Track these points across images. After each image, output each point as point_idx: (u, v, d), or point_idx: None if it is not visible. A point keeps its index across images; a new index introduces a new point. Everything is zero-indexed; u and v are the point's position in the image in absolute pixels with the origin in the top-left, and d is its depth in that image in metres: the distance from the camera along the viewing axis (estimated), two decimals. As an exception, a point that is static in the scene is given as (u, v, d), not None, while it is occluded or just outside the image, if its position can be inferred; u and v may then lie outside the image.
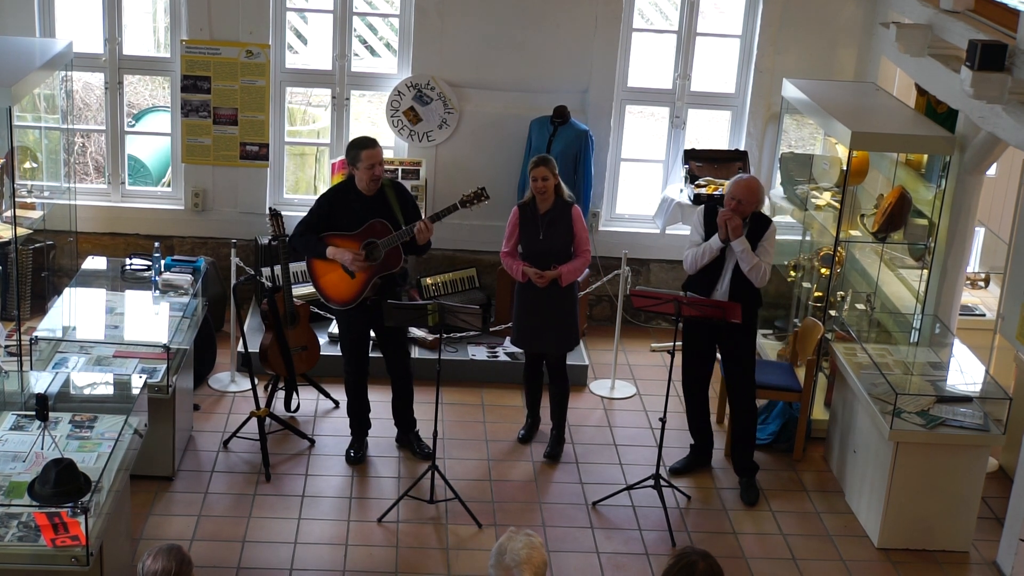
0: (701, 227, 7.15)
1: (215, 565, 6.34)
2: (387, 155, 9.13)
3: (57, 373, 6.51)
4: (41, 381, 6.28)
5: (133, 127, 10.53)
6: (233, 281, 7.99)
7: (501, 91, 9.16)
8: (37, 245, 8.67)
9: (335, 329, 8.56)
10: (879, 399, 6.95)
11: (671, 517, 6.93)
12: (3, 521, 5.21)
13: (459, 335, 8.62)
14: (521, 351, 7.87)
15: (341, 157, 9.04)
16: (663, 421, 7.07)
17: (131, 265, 7.82)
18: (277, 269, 7.78)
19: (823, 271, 8.37)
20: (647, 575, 6.54)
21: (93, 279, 7.81)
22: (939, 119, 7.91)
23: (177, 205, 9.32)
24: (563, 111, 8.83)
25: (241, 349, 7.97)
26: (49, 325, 7.16)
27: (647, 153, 10.68)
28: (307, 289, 8.67)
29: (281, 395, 7.89)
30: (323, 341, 8.30)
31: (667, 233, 9.20)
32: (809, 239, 8.87)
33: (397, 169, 8.99)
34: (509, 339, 7.85)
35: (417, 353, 8.27)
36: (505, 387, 8.43)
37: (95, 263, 8.02)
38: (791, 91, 8.62)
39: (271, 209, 7.73)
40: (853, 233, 8.36)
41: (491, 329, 8.84)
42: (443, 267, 9.19)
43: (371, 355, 7.45)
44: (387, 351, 7.36)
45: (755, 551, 6.82)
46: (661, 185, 9.56)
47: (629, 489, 7.16)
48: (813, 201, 8.59)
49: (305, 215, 7.20)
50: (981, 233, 8.89)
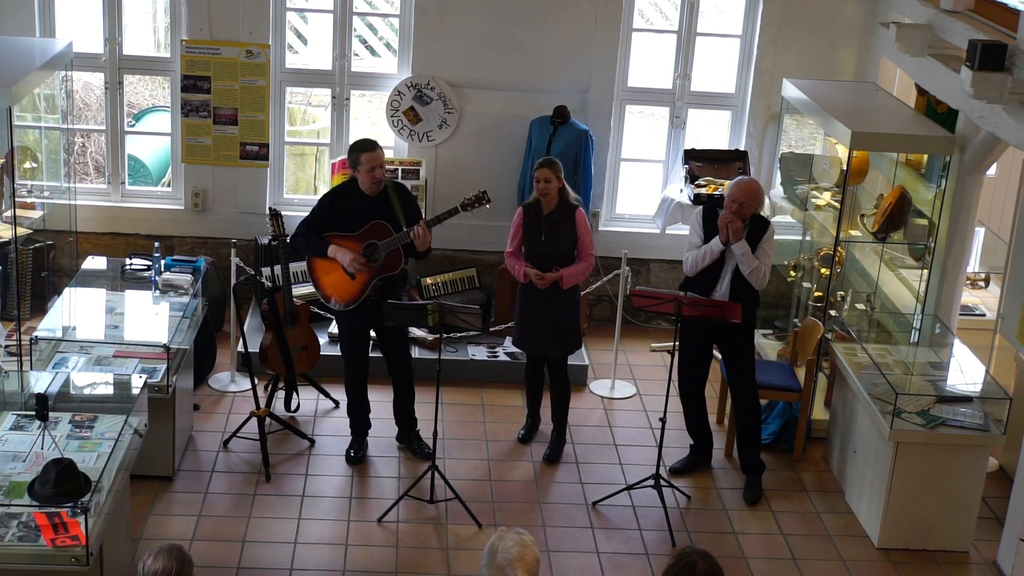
0: (700, 229, 7.14)
1: (215, 565, 6.34)
2: (387, 155, 9.13)
3: (57, 373, 6.50)
4: (41, 381, 6.27)
5: (133, 127, 10.52)
6: (233, 281, 7.99)
7: (501, 91, 9.15)
8: (37, 245, 8.66)
9: (335, 329, 8.55)
10: (879, 399, 6.95)
11: (671, 517, 6.93)
12: (3, 521, 5.20)
13: (459, 335, 8.62)
14: (521, 351, 7.87)
15: (341, 157, 9.05)
16: (663, 421, 7.07)
17: (131, 265, 7.82)
18: (277, 269, 7.78)
19: (823, 271, 8.37)
20: (647, 575, 6.54)
21: (93, 279, 7.80)
22: (939, 119, 7.91)
23: (177, 205, 9.32)
24: (563, 111, 8.83)
25: (241, 349, 7.97)
26: (49, 325, 7.16)
27: (647, 153, 10.67)
28: (307, 289, 8.67)
29: (281, 395, 7.89)
30: (323, 341, 8.30)
31: (667, 233, 9.20)
32: (809, 239, 8.87)
33: (397, 169, 9.00)
34: (511, 339, 7.84)
35: (417, 353, 8.26)
36: (505, 387, 8.43)
37: (95, 263, 8.01)
38: (791, 91, 8.62)
39: (271, 209, 7.72)
40: (853, 233, 8.35)
41: (491, 329, 8.84)
42: (443, 267, 9.19)
43: (371, 355, 7.46)
44: (387, 352, 7.36)
45: (755, 551, 6.81)
46: (661, 185, 9.56)
47: (629, 489, 7.16)
48: (813, 201, 8.59)
49: (307, 215, 7.20)
50: (981, 233, 8.89)
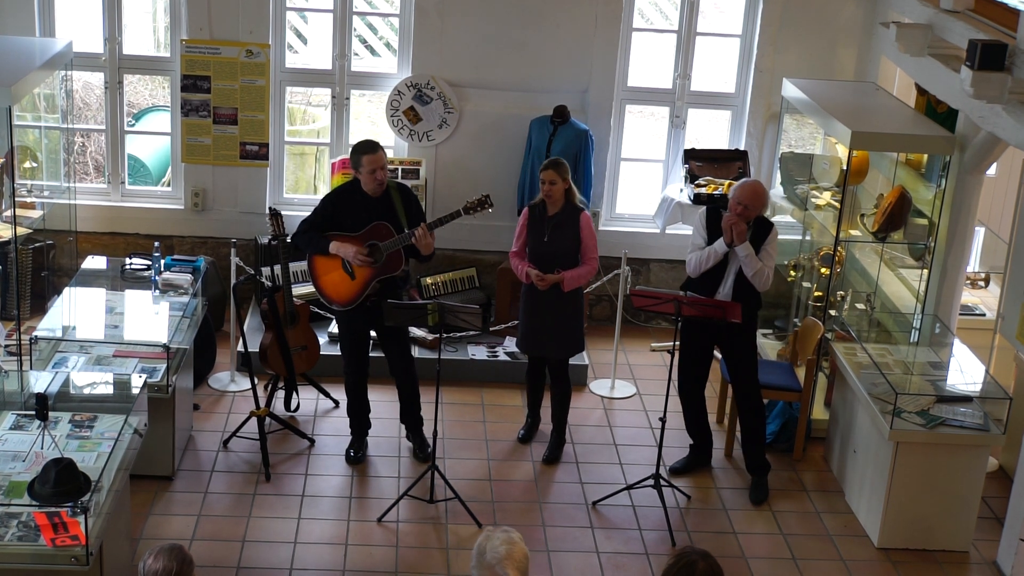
0: (704, 230, 7.13)
1: (215, 565, 6.34)
2: (387, 155, 9.12)
3: (57, 373, 6.50)
4: (41, 381, 6.27)
5: (133, 127, 10.52)
6: (233, 281, 7.99)
7: (501, 91, 9.15)
8: (37, 245, 8.66)
9: (335, 329, 8.55)
10: (879, 399, 6.95)
11: (671, 517, 6.93)
12: (3, 521, 5.20)
13: (459, 335, 8.62)
14: (522, 352, 7.86)
15: (341, 157, 9.06)
16: (663, 421, 7.07)
17: (131, 265, 7.82)
18: (277, 269, 7.78)
19: (823, 271, 8.37)
20: (647, 575, 6.54)
21: (93, 279, 7.80)
22: (939, 119, 7.91)
23: (177, 205, 9.32)
24: (563, 111, 8.83)
25: (241, 349, 7.97)
26: (49, 325, 7.16)
27: (647, 153, 10.67)
28: (307, 289, 8.68)
29: (281, 395, 7.89)
30: (323, 341, 8.30)
31: (667, 233, 9.20)
32: (809, 239, 8.87)
33: (397, 169, 8.99)
34: (515, 341, 7.81)
35: (417, 353, 8.25)
36: (505, 387, 8.43)
37: (95, 263, 8.01)
38: (791, 91, 8.62)
39: (271, 209, 7.72)
40: (853, 233, 8.36)
41: (491, 329, 8.83)
42: (443, 267, 9.19)
43: (372, 355, 7.45)
44: (388, 351, 7.35)
45: (755, 551, 6.81)
46: (661, 185, 9.55)
47: (629, 489, 7.16)
48: (813, 201, 8.59)
49: (309, 214, 7.20)
50: (981, 233, 8.89)
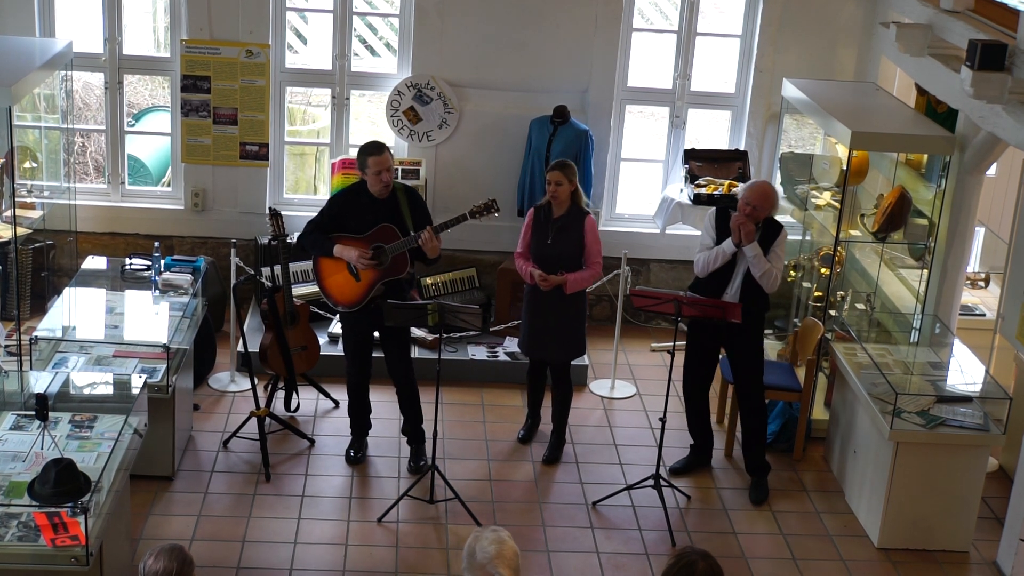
0: (712, 230, 7.12)
1: (215, 565, 6.34)
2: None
3: (57, 373, 6.50)
4: (41, 381, 6.27)
5: (133, 127, 10.52)
6: (233, 281, 7.99)
7: (501, 91, 9.15)
8: (37, 245, 8.67)
9: (335, 329, 8.56)
10: (879, 399, 6.95)
11: (671, 517, 6.93)
12: (3, 521, 5.20)
13: (459, 335, 8.62)
14: (523, 354, 7.84)
15: (341, 157, 9.07)
16: (663, 421, 7.07)
17: (131, 265, 7.82)
18: (277, 269, 7.78)
19: (823, 271, 8.37)
20: (647, 575, 6.54)
21: (93, 279, 7.80)
22: (939, 119, 7.91)
23: (177, 205, 9.32)
24: (563, 111, 8.83)
25: (241, 349, 7.97)
26: (49, 325, 7.16)
27: (647, 153, 10.67)
28: (307, 289, 8.69)
29: (281, 395, 7.89)
30: (323, 341, 8.30)
31: (667, 233, 9.20)
32: (809, 239, 8.87)
33: (397, 169, 8.98)
34: (517, 343, 7.79)
35: (417, 353, 8.25)
36: (505, 387, 8.43)
37: (95, 263, 8.01)
38: (791, 91, 8.62)
39: (271, 209, 7.72)
40: (853, 233, 8.36)
41: (491, 329, 8.83)
42: (443, 267, 9.18)
43: (374, 356, 7.43)
44: (388, 354, 7.33)
45: (755, 551, 6.81)
46: (661, 185, 9.55)
47: (629, 489, 7.16)
48: (813, 201, 8.59)
49: (315, 215, 7.20)
50: (981, 233, 8.89)
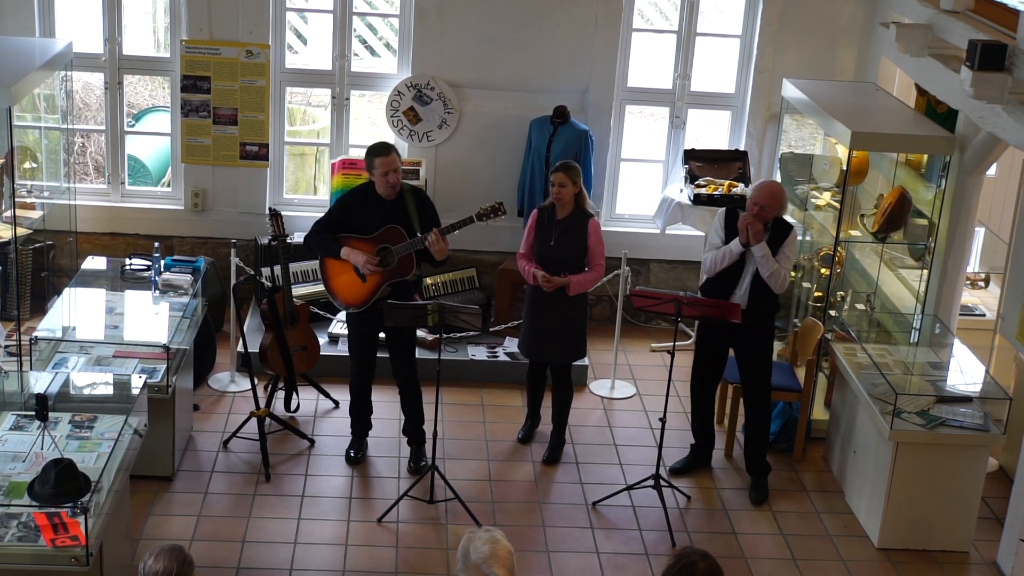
0: (722, 230, 7.11)
1: (215, 565, 6.34)
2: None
3: (57, 373, 6.50)
4: (41, 381, 6.27)
5: (133, 127, 10.52)
6: (233, 281, 7.99)
7: (501, 91, 9.15)
8: (37, 245, 8.67)
9: (335, 329, 8.56)
10: (879, 399, 6.95)
11: (671, 517, 6.93)
12: (3, 521, 5.20)
13: (459, 335, 8.62)
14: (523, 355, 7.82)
15: (341, 157, 9.07)
16: (663, 421, 7.07)
17: (131, 265, 7.82)
18: (277, 269, 7.78)
19: (823, 271, 8.37)
20: (647, 575, 6.54)
21: (93, 279, 7.80)
22: (939, 119, 7.91)
23: (177, 205, 9.32)
24: (563, 111, 8.83)
25: (241, 349, 7.97)
26: (49, 325, 7.16)
27: (647, 153, 10.68)
28: (307, 289, 8.70)
29: (281, 395, 7.89)
30: (323, 341, 8.30)
31: (667, 233, 9.19)
32: (809, 239, 8.87)
33: (397, 169, 8.99)
34: (517, 342, 7.78)
35: (417, 353, 8.22)
36: (505, 387, 8.43)
37: (95, 263, 8.01)
38: (791, 91, 8.62)
39: (271, 209, 7.72)
40: (853, 233, 8.35)
41: (491, 329, 8.83)
42: (443, 267, 9.17)
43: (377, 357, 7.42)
44: (393, 354, 7.30)
45: (755, 551, 6.81)
46: (661, 185, 9.55)
47: (629, 489, 7.16)
48: (813, 201, 8.59)
49: (323, 215, 7.20)
50: (981, 233, 8.89)
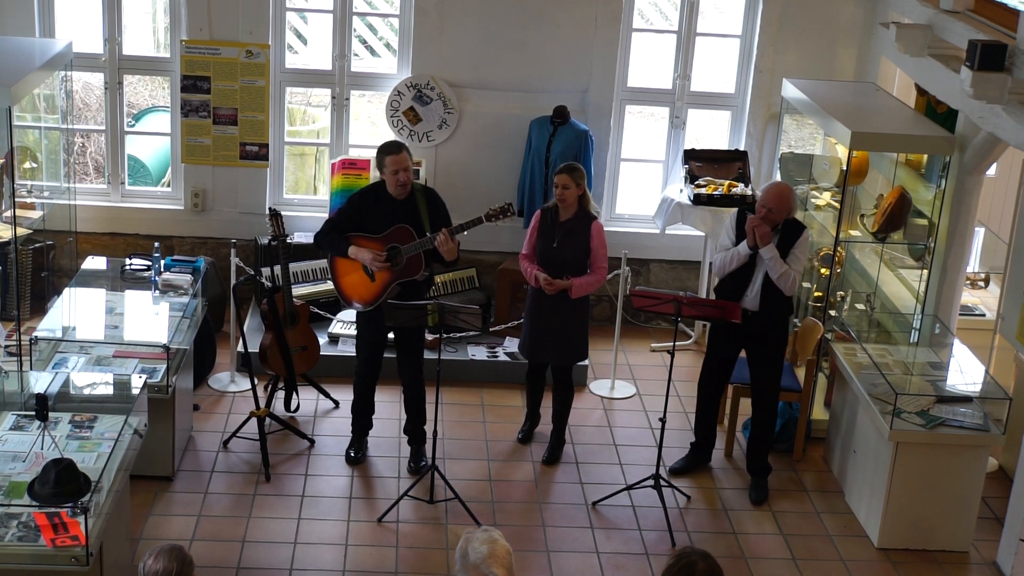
0: (732, 232, 7.11)
1: (215, 565, 6.34)
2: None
3: (57, 373, 6.50)
4: (41, 381, 6.27)
5: (133, 127, 10.52)
6: (233, 281, 7.99)
7: (501, 91, 9.15)
8: (37, 245, 8.67)
9: (335, 329, 8.56)
10: (879, 399, 6.95)
11: (671, 517, 6.93)
12: (3, 521, 5.20)
13: (459, 335, 8.62)
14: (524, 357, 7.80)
15: (341, 157, 9.07)
16: (663, 421, 7.07)
17: (131, 265, 7.82)
18: (277, 269, 7.78)
19: (823, 271, 8.37)
20: (647, 575, 6.54)
21: (93, 279, 7.80)
22: (939, 119, 7.91)
23: (177, 205, 9.32)
24: (563, 111, 8.83)
25: (241, 349, 7.97)
26: (49, 325, 7.16)
27: (647, 153, 10.68)
28: (307, 289, 8.70)
29: (281, 395, 7.89)
30: (323, 341, 8.30)
31: (667, 233, 9.19)
32: (810, 239, 8.86)
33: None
34: (518, 343, 7.77)
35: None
36: (505, 387, 8.43)
37: (95, 263, 8.01)
38: (791, 91, 8.62)
39: (271, 209, 7.72)
40: (853, 233, 8.36)
41: (491, 329, 8.83)
42: (443, 267, 9.17)
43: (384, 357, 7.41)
44: (401, 354, 7.29)
45: (755, 551, 6.81)
46: (661, 185, 9.55)
47: (629, 489, 7.16)
48: (813, 201, 8.59)
49: (334, 214, 7.19)
50: (981, 233, 8.89)
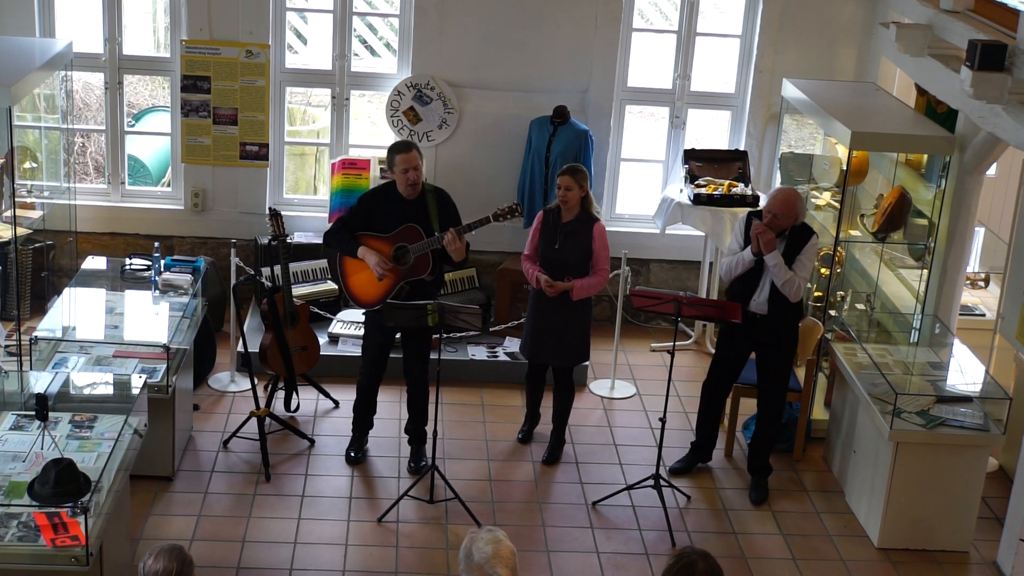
0: (741, 236, 7.11)
1: (215, 565, 6.34)
2: (385, 155, 9.12)
3: (57, 373, 6.50)
4: (41, 381, 6.27)
5: (133, 127, 10.52)
6: (233, 281, 7.99)
7: (501, 91, 9.15)
8: (37, 245, 8.67)
9: (335, 329, 8.56)
10: (879, 399, 6.95)
11: (671, 517, 6.93)
12: (3, 521, 5.21)
13: (459, 335, 8.62)
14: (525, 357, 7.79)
15: (341, 157, 9.07)
16: (663, 421, 7.07)
17: (131, 265, 7.82)
18: (277, 269, 7.78)
19: (823, 271, 8.37)
20: (647, 575, 6.54)
21: (93, 279, 7.80)
22: (939, 119, 7.91)
23: (177, 205, 9.32)
24: (563, 111, 8.83)
25: (241, 349, 7.97)
26: (49, 325, 7.16)
27: (647, 153, 10.68)
28: (307, 289, 8.70)
29: (281, 395, 7.89)
30: (323, 341, 8.30)
31: (667, 233, 9.19)
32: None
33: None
34: (519, 344, 7.76)
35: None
36: (505, 387, 8.43)
37: (95, 263, 8.01)
38: (791, 91, 8.62)
39: (271, 209, 7.73)
40: (853, 233, 8.36)
41: (491, 329, 8.83)
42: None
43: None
44: (408, 354, 7.28)
45: (755, 551, 6.81)
46: (661, 185, 9.55)
47: (629, 489, 7.16)
48: (813, 201, 8.59)
49: (344, 213, 7.21)
50: (981, 233, 8.89)
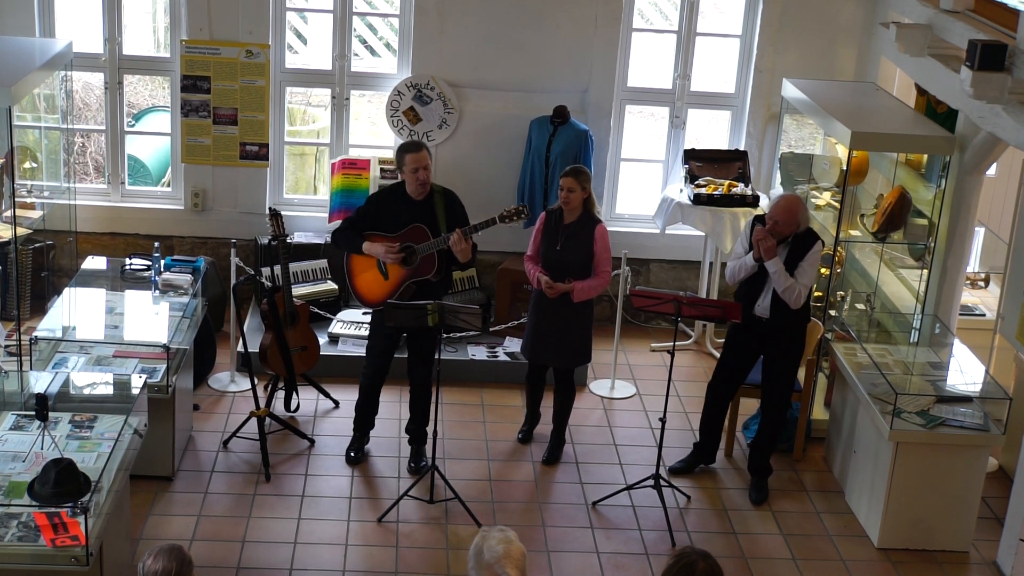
0: (746, 240, 7.11)
1: (215, 565, 6.34)
2: (386, 155, 9.14)
3: (57, 373, 6.50)
4: (41, 381, 6.27)
5: (133, 127, 10.52)
6: (233, 281, 7.99)
7: (501, 91, 9.15)
8: (37, 245, 8.67)
9: (335, 329, 8.56)
10: (879, 399, 6.95)
11: (671, 517, 6.93)
12: (3, 521, 5.21)
13: (459, 335, 8.62)
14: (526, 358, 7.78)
15: (341, 157, 9.07)
16: (663, 421, 7.07)
17: (131, 265, 7.82)
18: (277, 269, 7.78)
19: (823, 271, 8.37)
20: (647, 575, 6.54)
21: (93, 279, 7.80)
22: (939, 119, 7.91)
23: (177, 205, 9.32)
24: (563, 111, 8.83)
25: (241, 349, 7.97)
26: (49, 325, 7.16)
27: (647, 153, 10.67)
28: (307, 289, 8.70)
29: (281, 395, 7.89)
30: (323, 341, 8.30)
31: (667, 233, 9.20)
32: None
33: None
34: (520, 345, 7.75)
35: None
36: (505, 387, 8.43)
37: (95, 263, 8.01)
38: (791, 91, 8.62)
39: (271, 209, 7.73)
40: (853, 233, 8.36)
41: (491, 329, 8.83)
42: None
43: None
44: (413, 354, 7.28)
45: (755, 551, 6.81)
46: (661, 185, 9.56)
47: (629, 489, 7.16)
48: (813, 201, 8.59)
49: (352, 212, 7.25)
50: (981, 233, 8.89)
